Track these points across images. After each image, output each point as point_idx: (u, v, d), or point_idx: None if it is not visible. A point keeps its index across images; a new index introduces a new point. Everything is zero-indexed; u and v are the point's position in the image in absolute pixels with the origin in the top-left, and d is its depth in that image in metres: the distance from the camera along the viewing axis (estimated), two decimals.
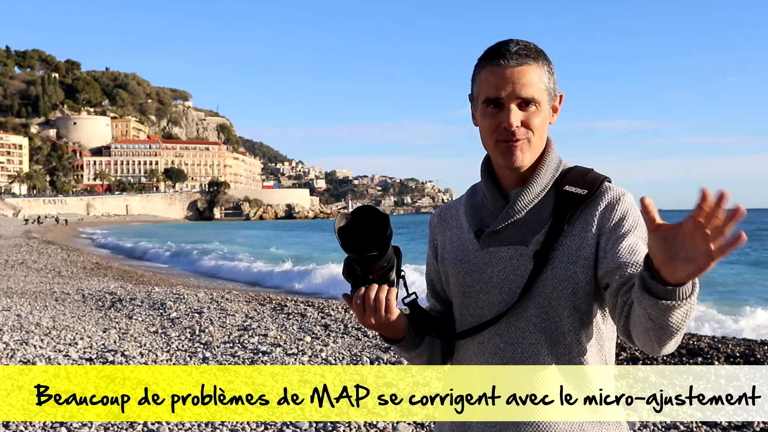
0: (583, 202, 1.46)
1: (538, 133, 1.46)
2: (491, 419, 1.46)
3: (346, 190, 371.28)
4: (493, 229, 1.51)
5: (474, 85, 1.51)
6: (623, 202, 1.45)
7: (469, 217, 1.58)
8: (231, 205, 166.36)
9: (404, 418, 5.19)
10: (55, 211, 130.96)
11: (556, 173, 1.51)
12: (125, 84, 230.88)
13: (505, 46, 1.44)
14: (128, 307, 11.44)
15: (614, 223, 1.43)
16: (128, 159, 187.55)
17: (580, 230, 1.45)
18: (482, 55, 1.48)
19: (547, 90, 1.47)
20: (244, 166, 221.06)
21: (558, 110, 1.54)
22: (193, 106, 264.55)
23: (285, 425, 4.99)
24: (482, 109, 1.47)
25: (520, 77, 1.42)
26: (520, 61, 1.42)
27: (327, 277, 17.90)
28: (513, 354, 1.46)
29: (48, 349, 7.62)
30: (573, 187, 1.47)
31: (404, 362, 6.95)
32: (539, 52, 1.46)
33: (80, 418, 5.04)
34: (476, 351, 1.51)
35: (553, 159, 1.53)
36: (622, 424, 1.49)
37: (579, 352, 1.45)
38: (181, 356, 7.38)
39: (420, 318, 1.54)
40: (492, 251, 1.50)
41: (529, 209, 1.49)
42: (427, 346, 1.57)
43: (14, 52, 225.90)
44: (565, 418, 1.42)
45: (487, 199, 1.55)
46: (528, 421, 1.43)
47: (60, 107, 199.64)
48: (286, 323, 9.77)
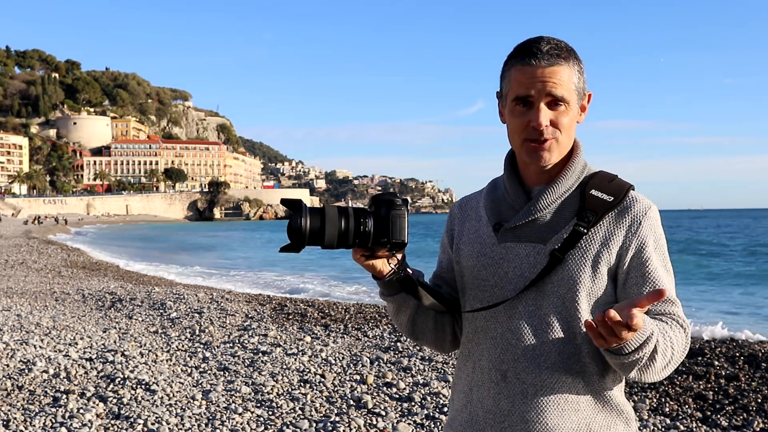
0: (608, 208, 1.46)
1: (566, 132, 1.46)
2: (500, 412, 1.47)
3: (346, 190, 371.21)
4: (513, 225, 1.51)
5: (503, 83, 1.51)
6: (648, 218, 1.47)
7: (488, 210, 1.58)
8: (231, 205, 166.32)
9: (404, 418, 5.19)
10: (55, 211, 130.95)
11: (581, 176, 1.52)
12: (125, 84, 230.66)
13: (537, 45, 1.44)
14: (128, 307, 11.44)
15: (639, 244, 1.45)
16: (128, 159, 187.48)
17: (602, 237, 1.45)
18: (512, 52, 1.48)
19: (577, 90, 1.47)
20: (244, 166, 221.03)
21: (586, 109, 1.54)
22: (193, 106, 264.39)
23: (285, 425, 4.99)
24: (511, 106, 1.47)
25: (551, 77, 1.42)
26: (551, 61, 1.43)
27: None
28: (524, 350, 1.47)
29: (48, 349, 7.62)
30: (599, 192, 1.47)
31: (404, 362, 6.95)
32: (570, 52, 1.46)
33: (80, 418, 5.04)
34: (488, 346, 1.51)
35: (580, 161, 1.53)
36: (631, 420, 1.51)
37: (589, 352, 1.46)
38: (181, 356, 7.38)
39: (422, 287, 1.54)
40: (509, 246, 1.51)
41: (551, 208, 1.49)
42: (426, 307, 1.56)
43: (14, 52, 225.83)
44: (573, 414, 1.44)
45: (508, 193, 1.55)
46: (536, 418, 1.44)
47: (60, 107, 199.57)
48: (286, 323, 9.77)
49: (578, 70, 1.48)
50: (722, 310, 13.54)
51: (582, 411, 1.45)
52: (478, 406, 1.52)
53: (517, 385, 1.46)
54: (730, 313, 13.07)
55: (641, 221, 1.45)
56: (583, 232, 1.45)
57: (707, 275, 21.54)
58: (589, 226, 1.45)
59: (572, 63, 1.46)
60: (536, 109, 1.43)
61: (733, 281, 19.78)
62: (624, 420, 1.49)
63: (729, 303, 14.93)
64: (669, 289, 1.44)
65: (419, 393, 5.79)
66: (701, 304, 14.22)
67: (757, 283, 19.02)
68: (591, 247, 1.45)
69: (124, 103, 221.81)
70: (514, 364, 1.47)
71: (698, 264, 25.63)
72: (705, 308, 13.53)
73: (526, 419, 1.44)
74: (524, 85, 1.43)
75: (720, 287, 18.36)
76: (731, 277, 21.14)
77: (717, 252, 33.49)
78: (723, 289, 17.76)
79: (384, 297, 1.54)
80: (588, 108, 1.55)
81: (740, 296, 16.33)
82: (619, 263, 1.45)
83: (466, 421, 1.54)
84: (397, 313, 1.57)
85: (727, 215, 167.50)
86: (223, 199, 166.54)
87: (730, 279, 20.47)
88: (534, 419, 1.44)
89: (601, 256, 1.44)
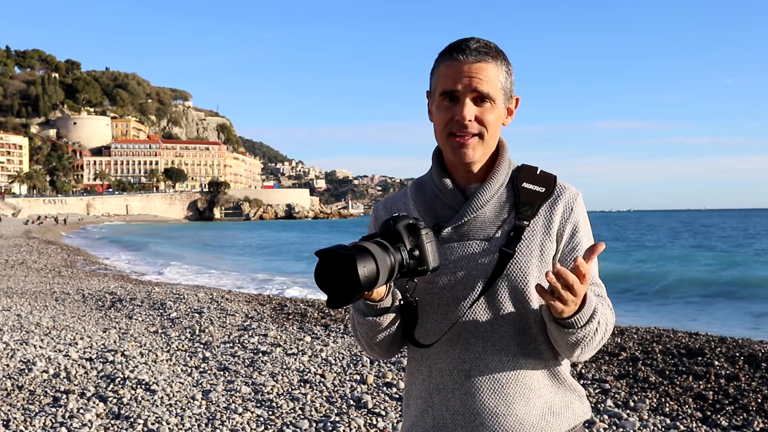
0: (543, 199, 1.51)
1: (491, 130, 1.49)
2: (469, 411, 1.47)
3: (346, 190, 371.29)
4: (455, 224, 1.51)
5: (432, 79, 1.53)
6: (578, 204, 1.54)
7: (422, 212, 1.57)
8: (231, 205, 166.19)
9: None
10: (55, 211, 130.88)
11: (509, 171, 1.55)
12: (125, 84, 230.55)
13: (466, 42, 1.47)
14: (128, 307, 11.44)
15: (572, 230, 1.52)
16: (128, 159, 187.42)
17: (541, 227, 1.51)
18: (442, 50, 1.51)
19: (504, 89, 1.49)
20: (244, 166, 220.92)
21: (513, 113, 1.56)
22: (193, 106, 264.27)
23: (285, 425, 4.99)
24: (438, 101, 1.49)
25: (478, 72, 1.45)
26: (478, 57, 1.45)
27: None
28: (484, 347, 1.48)
29: (48, 349, 7.62)
30: (531, 184, 1.53)
31: (403, 362, 6.95)
32: (499, 52, 1.49)
33: (80, 418, 5.04)
34: (445, 348, 1.50)
35: (506, 158, 1.57)
36: (583, 397, 1.58)
37: (544, 341, 1.50)
38: (181, 356, 7.38)
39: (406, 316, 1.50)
40: (453, 247, 1.51)
41: (489, 205, 1.52)
42: (392, 322, 1.51)
43: (14, 52, 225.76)
44: (537, 400, 1.49)
45: (443, 193, 1.55)
46: (506, 411, 1.46)
47: (60, 107, 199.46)
48: (286, 323, 9.77)
49: (506, 70, 1.50)
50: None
51: (543, 395, 1.50)
52: (442, 409, 1.50)
53: (482, 381, 1.47)
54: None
55: (572, 207, 1.53)
56: (525, 225, 1.49)
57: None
58: (529, 219, 1.50)
59: (500, 62, 1.48)
60: (461, 104, 1.45)
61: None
62: (578, 397, 1.56)
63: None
64: (596, 274, 1.53)
65: None
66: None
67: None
68: (534, 238, 1.50)
69: (124, 103, 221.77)
70: (476, 362, 1.48)
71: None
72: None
73: (496, 413, 1.46)
74: (451, 80, 1.46)
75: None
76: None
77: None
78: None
79: (367, 317, 1.47)
80: (515, 113, 1.56)
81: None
82: (557, 248, 1.51)
83: (431, 426, 1.52)
84: (376, 331, 1.49)
85: (720, 215, 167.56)
86: (223, 199, 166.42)
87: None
88: (504, 412, 1.46)
89: (544, 245, 1.50)
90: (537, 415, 1.47)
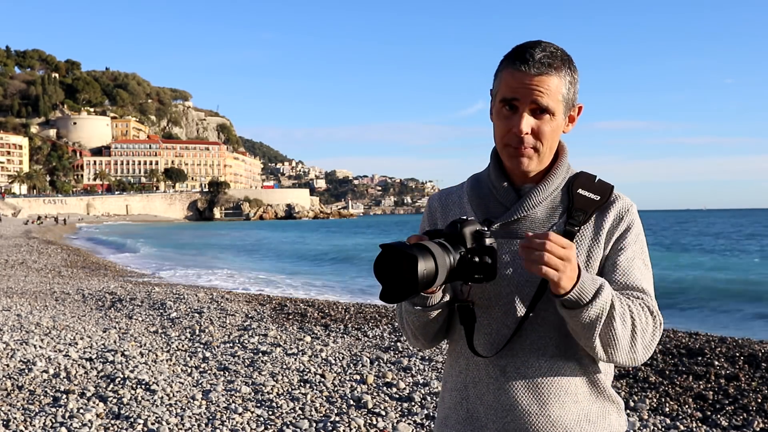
0: (596, 206, 1.51)
1: (547, 142, 1.48)
2: (502, 407, 1.48)
3: (346, 190, 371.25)
4: (505, 221, 1.52)
5: (495, 81, 1.53)
6: (630, 213, 1.53)
7: (475, 207, 1.58)
8: (231, 205, 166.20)
9: (404, 418, 5.19)
10: (55, 211, 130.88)
11: (567, 175, 1.56)
12: (125, 84, 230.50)
13: (531, 50, 1.44)
14: (128, 307, 11.44)
15: (619, 236, 1.51)
16: (128, 159, 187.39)
17: (591, 234, 1.51)
18: (508, 53, 1.49)
19: (565, 100, 1.48)
20: (244, 166, 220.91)
21: (575, 120, 1.56)
22: (193, 106, 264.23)
23: (285, 425, 4.99)
24: (498, 108, 1.49)
25: (539, 85, 1.43)
26: (541, 69, 1.43)
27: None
28: (522, 346, 1.48)
29: (48, 349, 7.62)
30: (586, 191, 1.52)
31: (404, 362, 6.95)
32: (564, 61, 1.46)
33: (80, 418, 5.03)
34: (484, 342, 1.51)
35: (565, 163, 1.57)
36: (621, 409, 1.57)
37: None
38: (181, 356, 7.38)
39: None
40: (500, 243, 1.51)
41: (542, 206, 1.52)
42: (443, 316, 1.54)
43: (14, 52, 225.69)
44: (573, 405, 1.47)
45: (497, 190, 1.56)
46: (540, 411, 1.46)
47: (60, 107, 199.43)
48: (286, 323, 9.77)
49: (569, 80, 1.48)
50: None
51: (580, 401, 1.49)
52: (477, 402, 1.52)
53: (517, 379, 1.47)
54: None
55: (623, 216, 1.52)
56: (576, 231, 1.49)
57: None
58: (580, 224, 1.50)
59: (564, 73, 1.46)
60: (519, 115, 1.45)
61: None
62: (616, 408, 1.55)
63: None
64: (640, 279, 1.49)
65: (419, 393, 5.79)
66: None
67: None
68: (583, 244, 1.50)
69: (124, 103, 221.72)
70: (513, 360, 1.48)
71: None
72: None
73: (528, 413, 1.46)
74: (512, 89, 1.45)
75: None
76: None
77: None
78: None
79: (417, 307, 1.49)
80: (577, 120, 1.56)
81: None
82: (603, 254, 1.51)
83: (464, 418, 1.54)
84: (424, 322, 1.52)
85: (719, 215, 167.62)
86: (223, 199, 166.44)
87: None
88: (537, 412, 1.46)
89: (592, 251, 1.50)
90: (572, 420, 1.47)
